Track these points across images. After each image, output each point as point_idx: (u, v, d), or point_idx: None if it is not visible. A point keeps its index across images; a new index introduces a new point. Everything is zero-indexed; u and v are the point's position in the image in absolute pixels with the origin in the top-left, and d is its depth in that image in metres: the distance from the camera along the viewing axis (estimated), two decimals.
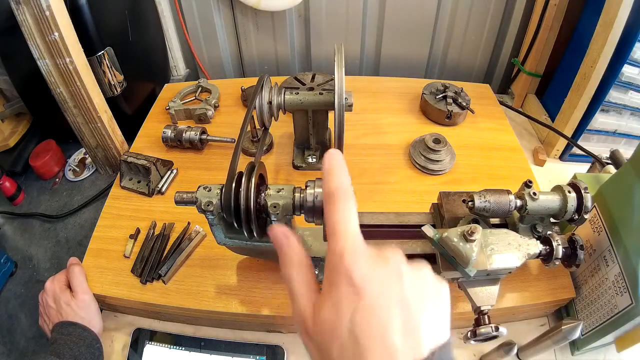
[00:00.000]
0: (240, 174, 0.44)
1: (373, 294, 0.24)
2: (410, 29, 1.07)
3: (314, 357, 0.26)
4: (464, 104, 0.85)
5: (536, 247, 0.48)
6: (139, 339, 0.59)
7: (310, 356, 0.26)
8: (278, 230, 0.30)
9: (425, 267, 0.27)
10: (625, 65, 0.74)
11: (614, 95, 0.78)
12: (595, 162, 0.78)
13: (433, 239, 0.47)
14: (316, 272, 0.63)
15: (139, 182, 0.75)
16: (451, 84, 0.89)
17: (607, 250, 0.52)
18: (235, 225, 0.45)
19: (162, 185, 0.74)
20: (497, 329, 0.45)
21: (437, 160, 0.76)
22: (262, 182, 0.47)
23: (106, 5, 0.78)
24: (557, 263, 0.49)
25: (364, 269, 0.25)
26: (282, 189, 0.44)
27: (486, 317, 0.47)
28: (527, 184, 0.51)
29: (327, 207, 0.29)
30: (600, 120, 0.82)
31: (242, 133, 0.50)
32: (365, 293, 0.24)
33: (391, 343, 0.23)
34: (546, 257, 0.50)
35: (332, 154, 0.31)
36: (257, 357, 0.57)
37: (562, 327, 0.46)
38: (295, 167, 0.78)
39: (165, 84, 1.00)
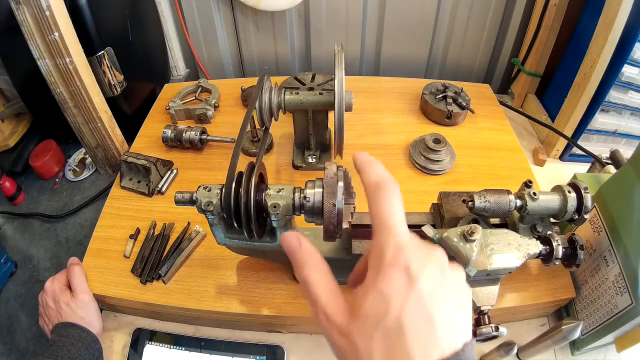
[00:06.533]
0: (240, 174, 0.44)
1: (425, 285, 0.25)
2: (410, 29, 1.07)
3: (347, 354, 0.25)
4: (464, 104, 0.85)
5: (536, 247, 0.48)
6: (139, 339, 0.59)
7: (340, 355, 0.26)
8: (290, 235, 0.30)
9: (461, 270, 0.28)
10: (625, 65, 0.74)
11: (614, 95, 0.78)
12: (595, 162, 0.78)
13: (433, 239, 0.47)
14: None
15: (139, 182, 0.75)
16: (451, 84, 0.89)
17: (607, 250, 0.52)
18: (235, 225, 0.45)
19: (162, 185, 0.74)
20: (497, 329, 0.45)
21: (437, 160, 0.76)
22: (262, 182, 0.47)
23: (106, 5, 0.78)
24: (557, 263, 0.49)
25: (420, 262, 0.25)
26: (282, 189, 0.44)
27: (486, 317, 0.47)
28: (527, 184, 0.51)
29: (374, 199, 0.28)
30: (600, 120, 0.82)
31: (243, 133, 0.50)
32: (419, 284, 0.25)
33: (435, 334, 0.24)
34: (546, 257, 0.50)
35: (360, 154, 0.31)
36: (257, 357, 0.57)
37: (562, 327, 0.46)
38: (295, 167, 0.78)
39: (165, 84, 1.00)
